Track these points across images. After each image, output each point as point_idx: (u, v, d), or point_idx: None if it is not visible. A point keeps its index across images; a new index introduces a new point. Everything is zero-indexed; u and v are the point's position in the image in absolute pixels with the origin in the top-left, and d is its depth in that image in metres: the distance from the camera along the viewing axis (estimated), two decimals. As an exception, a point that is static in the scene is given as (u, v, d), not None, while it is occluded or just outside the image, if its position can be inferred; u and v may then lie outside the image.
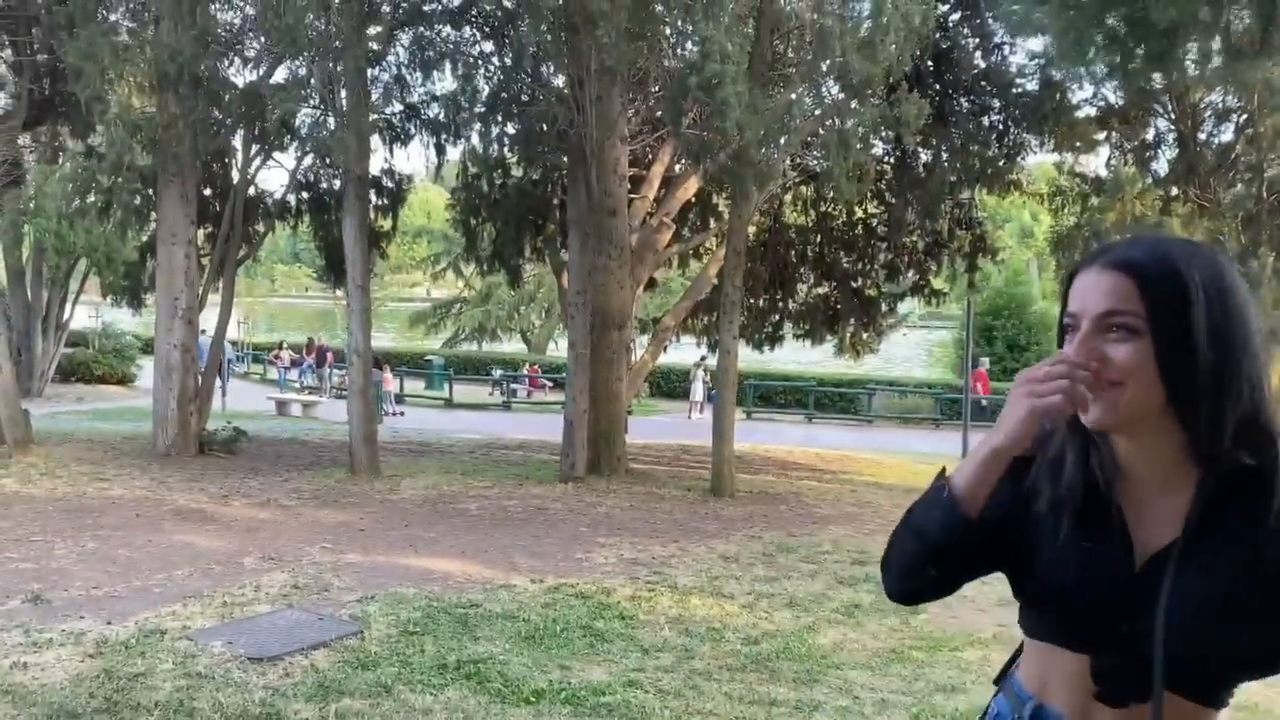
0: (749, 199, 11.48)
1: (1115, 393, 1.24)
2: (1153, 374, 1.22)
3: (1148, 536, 1.29)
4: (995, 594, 7.43)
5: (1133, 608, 1.26)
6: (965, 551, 1.36)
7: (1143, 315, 1.22)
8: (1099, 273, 1.27)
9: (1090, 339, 1.25)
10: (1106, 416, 1.25)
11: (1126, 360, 1.23)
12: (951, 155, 14.53)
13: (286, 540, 8.50)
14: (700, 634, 6.03)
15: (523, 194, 13.94)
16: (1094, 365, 1.23)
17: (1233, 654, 1.24)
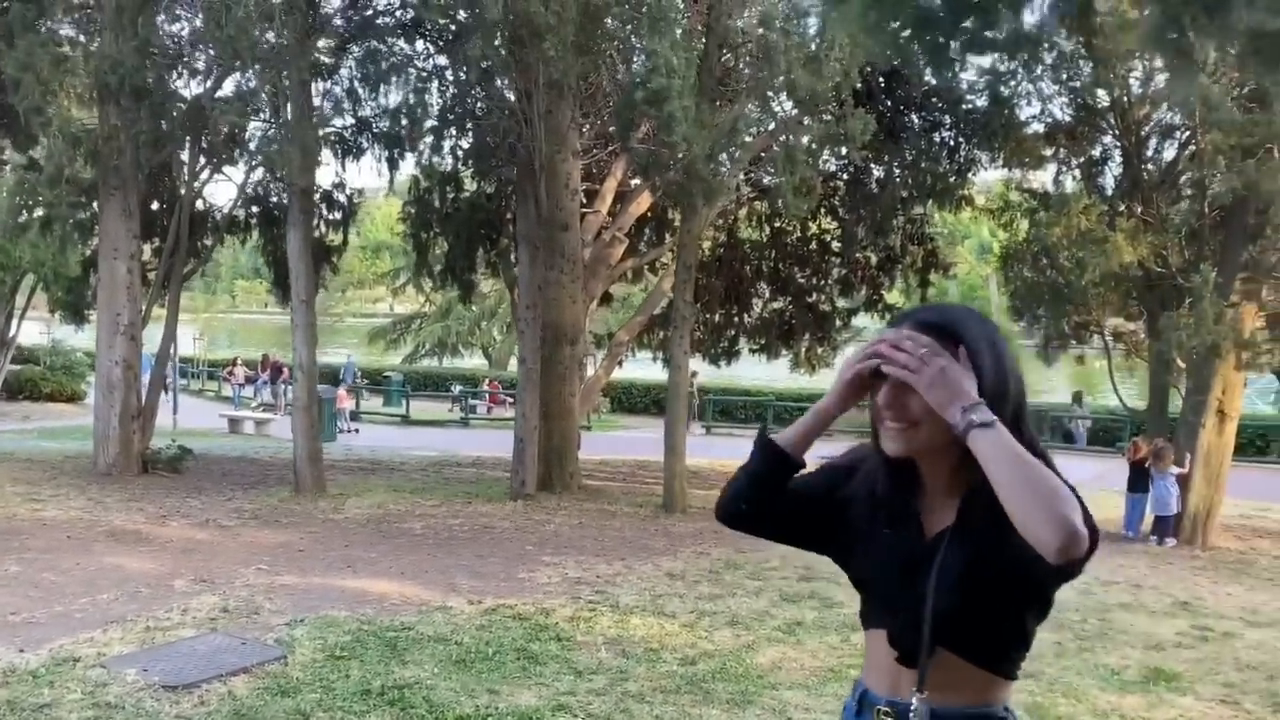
0: (699, 214, 11.44)
1: (913, 431, 1.56)
2: (942, 420, 1.50)
3: (934, 525, 1.62)
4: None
5: (916, 577, 1.58)
6: (776, 490, 1.72)
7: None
8: (910, 329, 1.56)
9: (895, 390, 1.55)
10: (905, 449, 1.59)
11: (921, 408, 1.52)
12: (903, 171, 14.59)
13: (221, 562, 8.29)
14: (637, 655, 5.92)
15: (475, 208, 13.82)
16: (896, 410, 1.56)
17: (983, 617, 1.55)
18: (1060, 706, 5.20)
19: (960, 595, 1.54)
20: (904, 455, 1.59)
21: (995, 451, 1.43)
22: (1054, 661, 6.08)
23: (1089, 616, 7.32)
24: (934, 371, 1.49)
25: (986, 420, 1.45)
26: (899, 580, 1.61)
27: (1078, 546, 1.37)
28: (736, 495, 1.76)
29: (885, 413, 1.57)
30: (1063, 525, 1.36)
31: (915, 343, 1.52)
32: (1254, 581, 9.05)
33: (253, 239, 16.16)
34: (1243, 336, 10.27)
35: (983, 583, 1.53)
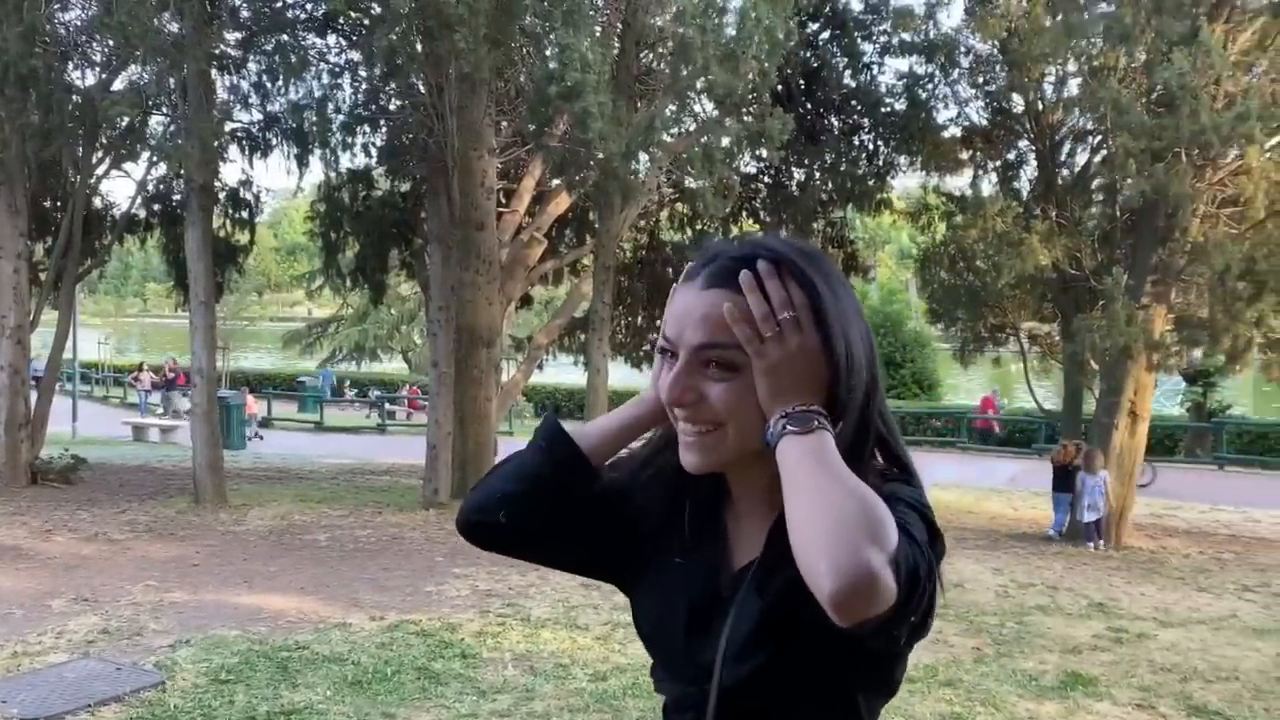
0: (617, 214, 11.22)
1: (717, 436, 1.08)
2: (758, 414, 1.05)
3: (742, 555, 1.15)
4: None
5: (706, 632, 1.12)
6: (556, 502, 1.20)
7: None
8: (700, 292, 1.07)
9: (687, 374, 1.07)
10: (706, 461, 1.10)
11: (726, 400, 1.06)
12: (823, 174, 14.57)
13: (107, 579, 7.78)
14: (546, 671, 5.65)
15: (387, 206, 13.38)
16: (689, 401, 1.07)
17: (792, 693, 1.08)
18: (979, 716, 5.08)
19: (756, 663, 1.07)
20: (704, 471, 1.11)
21: (799, 460, 0.98)
22: (973, 668, 5.97)
23: (1006, 620, 7.27)
24: (789, 350, 1.03)
25: (808, 427, 1.00)
26: (684, 635, 1.15)
27: (865, 602, 0.89)
28: (492, 500, 1.21)
29: (674, 410, 1.09)
30: (849, 567, 0.88)
31: (781, 299, 1.04)
32: (1165, 581, 9.14)
33: (154, 239, 15.47)
34: (1153, 338, 10.41)
35: (788, 644, 1.06)
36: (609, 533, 1.24)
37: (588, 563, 1.31)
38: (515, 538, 1.24)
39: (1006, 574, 9.16)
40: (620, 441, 1.22)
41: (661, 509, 1.20)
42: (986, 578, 8.94)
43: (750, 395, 1.04)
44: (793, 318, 1.03)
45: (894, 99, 13.78)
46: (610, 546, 1.25)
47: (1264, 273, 9.81)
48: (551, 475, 1.19)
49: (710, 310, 1.05)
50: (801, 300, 1.04)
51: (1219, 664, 6.24)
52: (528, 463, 1.21)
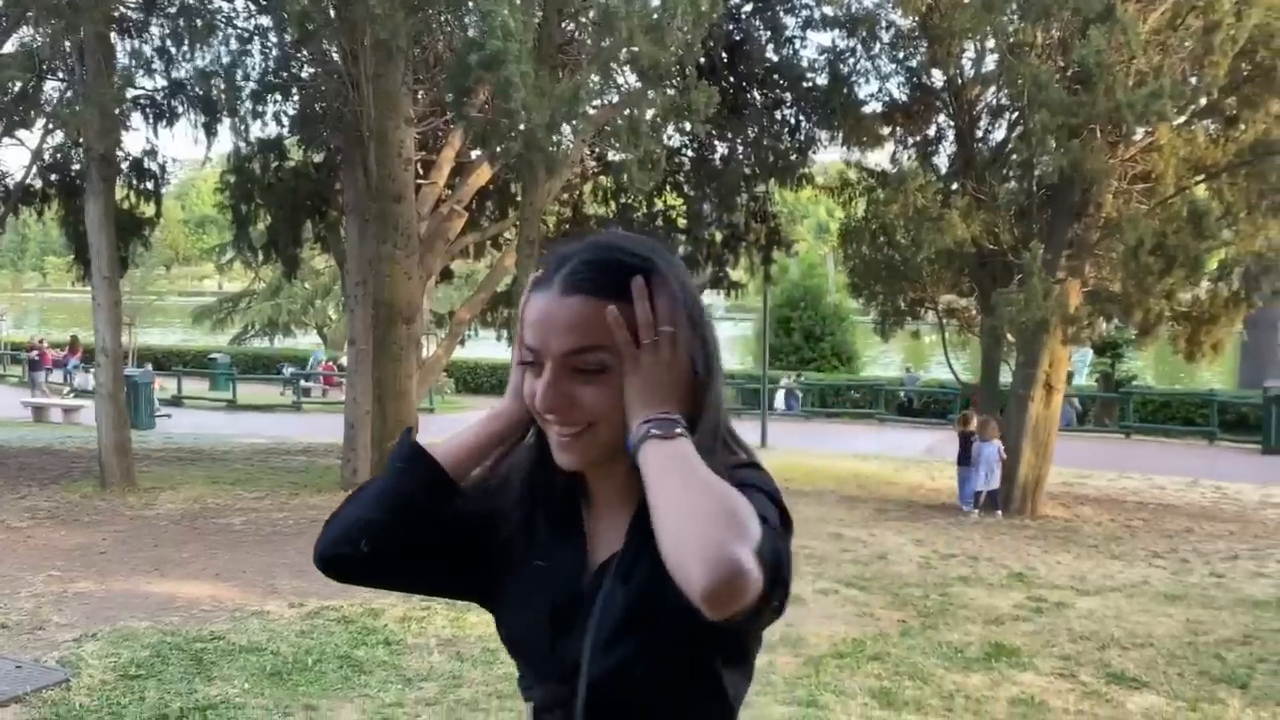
0: (541, 186, 11.01)
1: (589, 436, 1.11)
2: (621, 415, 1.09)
3: (601, 552, 1.17)
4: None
5: (570, 631, 1.13)
6: (418, 523, 1.18)
7: (613, 349, 1.08)
8: (557, 300, 1.09)
9: (556, 382, 1.09)
10: (580, 459, 1.13)
11: (596, 401, 1.09)
12: (746, 148, 14.54)
13: (5, 569, 7.41)
14: (473, 657, 5.53)
15: (300, 177, 12.93)
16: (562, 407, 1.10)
17: (660, 679, 1.09)
18: (907, 690, 5.12)
19: (624, 651, 1.08)
20: (580, 469, 1.14)
21: (663, 463, 1.01)
22: (899, 641, 6.03)
23: (930, 592, 7.38)
24: (663, 359, 1.07)
25: (670, 433, 1.03)
26: (549, 636, 1.15)
27: (735, 594, 0.92)
28: (354, 530, 1.18)
29: (547, 416, 1.11)
30: (718, 562, 0.91)
31: (665, 310, 1.08)
32: (1080, 549, 9.39)
33: (52, 210, 14.75)
34: (1068, 312, 10.63)
35: (655, 630, 1.07)
36: (469, 549, 1.23)
37: (453, 584, 1.29)
38: (379, 567, 1.21)
39: (928, 545, 9.31)
40: (479, 457, 1.22)
41: (517, 516, 1.21)
42: (909, 549, 9.07)
43: (619, 394, 1.08)
44: (672, 331, 1.08)
45: (816, 73, 13.79)
46: (472, 564, 1.24)
47: (1173, 247, 10.07)
48: (415, 497, 1.18)
49: (573, 317, 1.08)
50: (682, 314, 1.09)
51: (1134, 630, 6.42)
52: (389, 487, 1.19)
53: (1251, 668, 5.66)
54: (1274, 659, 5.84)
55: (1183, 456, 17.29)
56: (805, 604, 6.94)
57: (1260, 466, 15.93)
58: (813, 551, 8.73)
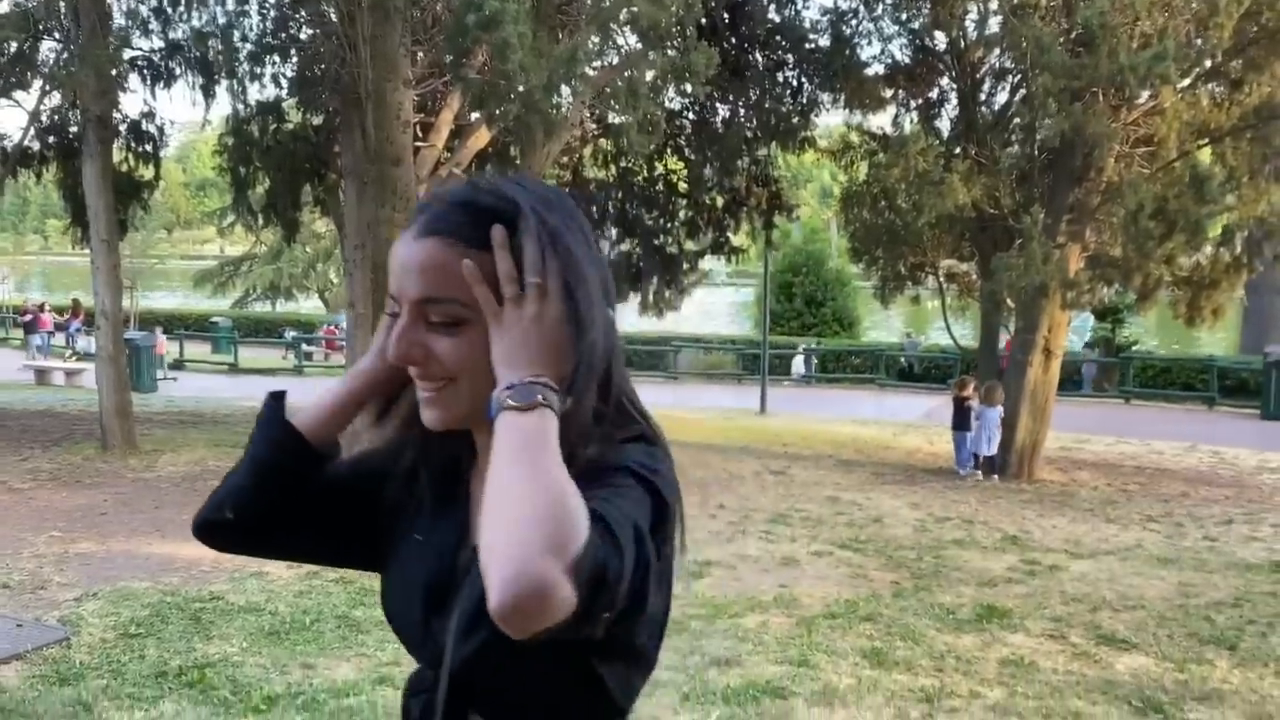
0: (540, 149, 10.95)
1: (452, 391, 1.02)
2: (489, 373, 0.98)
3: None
4: (780, 552, 7.35)
5: (443, 610, 1.04)
6: (287, 490, 1.13)
7: (472, 300, 0.98)
8: (414, 244, 1.01)
9: (410, 330, 1.01)
10: (443, 416, 1.04)
11: (455, 355, 1.00)
12: (748, 111, 14.44)
13: (8, 529, 7.46)
14: (470, 616, 5.59)
15: (299, 140, 12.86)
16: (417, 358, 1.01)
17: (528, 669, 0.98)
18: (899, 650, 5.18)
19: (481, 639, 0.97)
20: (447, 427, 1.04)
21: (508, 441, 0.91)
22: (892, 603, 6.09)
23: (924, 555, 7.43)
24: (528, 316, 0.96)
25: (529, 403, 0.92)
26: (422, 615, 1.07)
27: (534, 617, 0.82)
28: (220, 497, 1.16)
29: (407, 369, 1.03)
30: (516, 579, 0.81)
31: (533, 261, 0.97)
32: (1075, 513, 9.44)
33: (50, 173, 14.70)
34: (1068, 277, 10.61)
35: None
36: (349, 518, 1.17)
37: (335, 553, 1.25)
38: (250, 535, 1.17)
39: (924, 508, 9.37)
40: (340, 418, 1.16)
41: (403, 483, 1.13)
42: (904, 512, 9.13)
43: (482, 348, 0.99)
44: (538, 284, 0.97)
45: (818, 35, 13.67)
46: (354, 532, 1.17)
47: (1174, 212, 10.03)
48: (277, 462, 1.13)
49: (427, 261, 0.99)
50: (554, 265, 0.97)
51: (1126, 593, 6.47)
52: (251, 453, 1.15)
53: (1241, 630, 5.71)
54: (1263, 621, 5.89)
55: (1182, 422, 17.33)
56: (800, 565, 7.00)
57: (1259, 432, 15.97)
58: (808, 514, 8.79)
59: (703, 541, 7.61)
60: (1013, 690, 4.64)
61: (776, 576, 6.69)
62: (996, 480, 11.18)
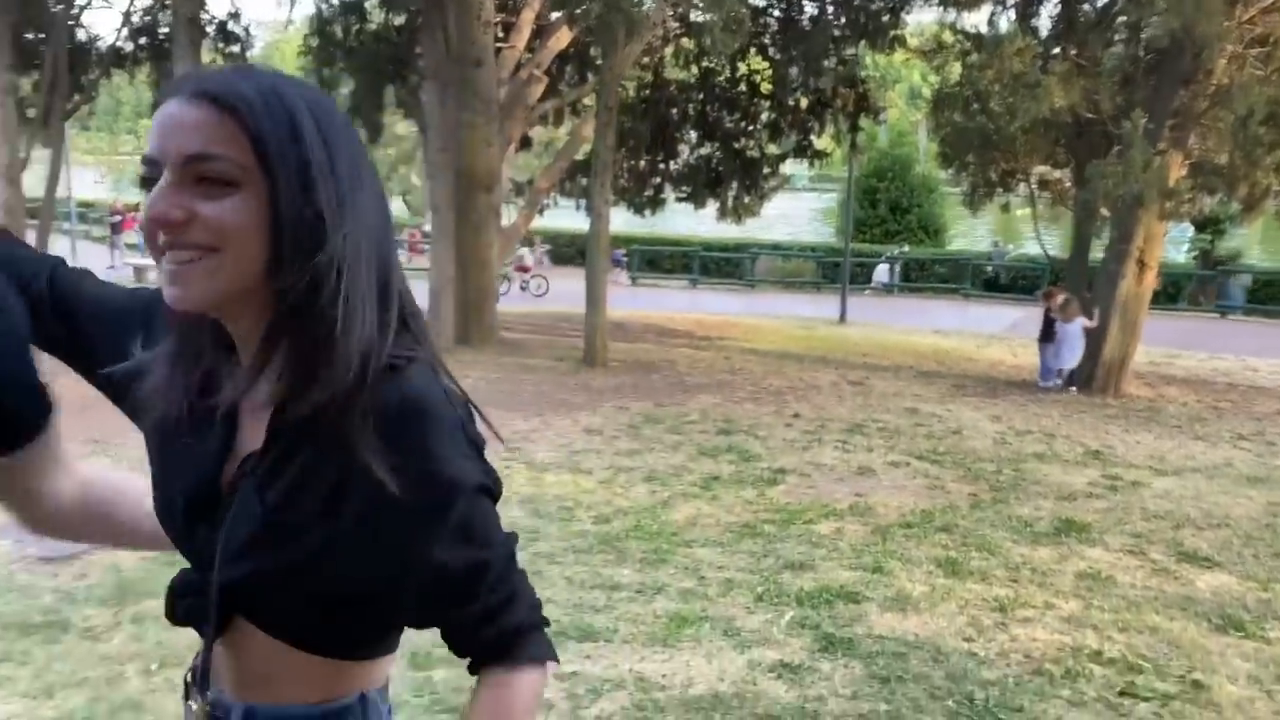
0: (621, 49, 10.78)
1: (208, 262, 0.90)
2: (260, 236, 0.90)
3: (246, 437, 1.00)
4: (856, 461, 7.38)
5: (208, 520, 1.00)
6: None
7: (246, 161, 0.89)
8: (184, 104, 0.91)
9: (174, 190, 0.90)
10: (192, 295, 0.91)
11: (223, 218, 0.89)
12: (836, 8, 13.97)
13: (118, 420, 7.83)
14: (550, 513, 5.77)
15: (381, 40, 12.89)
16: (177, 219, 0.89)
17: (285, 580, 0.96)
18: (974, 560, 5.20)
19: (252, 565, 0.96)
20: (195, 308, 0.93)
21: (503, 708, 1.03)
22: (969, 514, 6.09)
23: (1004, 467, 7.38)
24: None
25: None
26: (185, 521, 1.03)
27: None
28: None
29: (160, 232, 0.90)
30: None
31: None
32: (1161, 429, 9.24)
33: (142, 74, 15.01)
34: (1167, 185, 10.17)
35: (281, 558, 0.96)
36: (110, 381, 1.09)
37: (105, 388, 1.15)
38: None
39: (1004, 421, 9.26)
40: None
41: (163, 376, 1.03)
42: (984, 425, 9.04)
43: (254, 218, 0.90)
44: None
45: (912, -74, 13.06)
46: (116, 393, 1.11)
47: (1288, 118, 9.48)
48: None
49: (201, 118, 0.90)
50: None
51: (1211, 511, 6.36)
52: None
53: (1330, 551, 5.59)
54: (1355, 544, 5.75)
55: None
56: (876, 475, 7.02)
57: (1364, 350, 15.30)
58: (886, 425, 8.77)
59: (777, 449, 7.67)
60: (1088, 603, 4.64)
61: (852, 485, 6.73)
62: (1074, 393, 10.96)
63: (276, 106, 0.91)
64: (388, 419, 0.92)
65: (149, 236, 0.91)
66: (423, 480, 0.93)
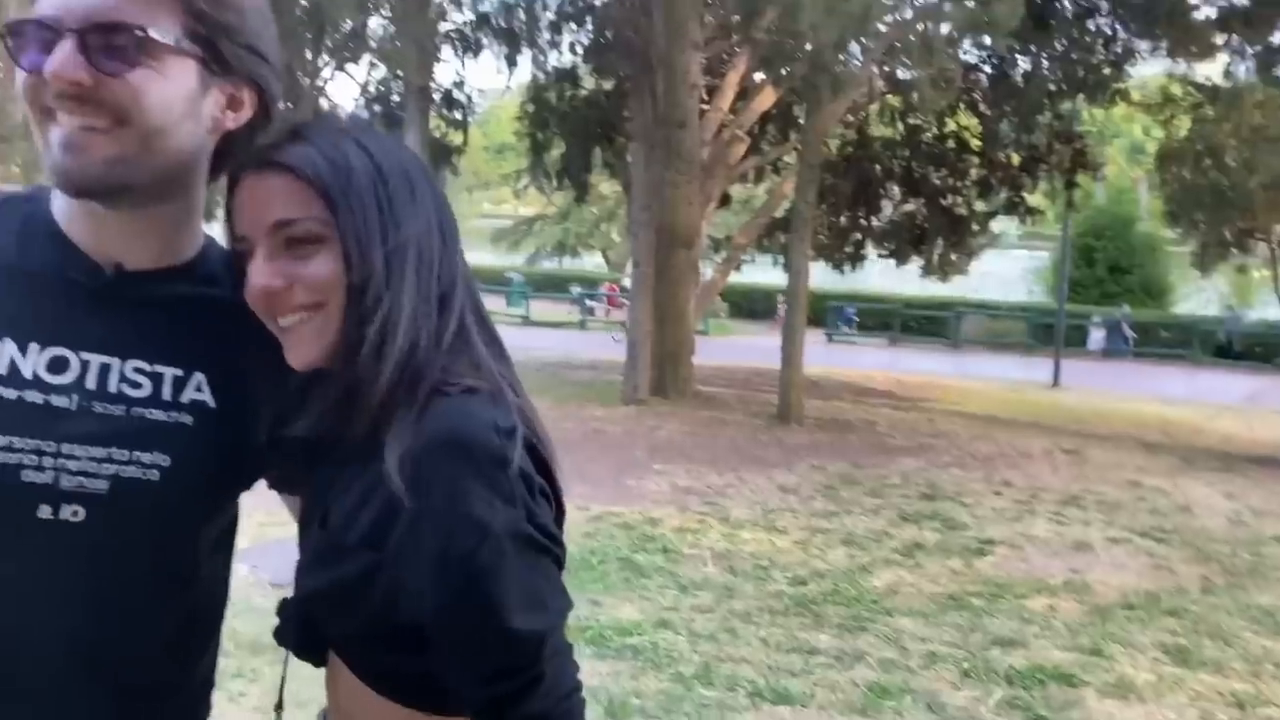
0: (825, 109, 10.79)
1: (317, 319, 0.95)
2: (344, 281, 0.94)
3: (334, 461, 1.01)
4: (1071, 535, 6.95)
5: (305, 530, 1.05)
6: None
7: (324, 215, 0.93)
8: (257, 177, 0.95)
9: (270, 259, 0.94)
10: (311, 351, 0.96)
11: (320, 275, 0.94)
12: (1052, 63, 13.49)
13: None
14: (745, 571, 5.72)
15: (592, 106, 13.44)
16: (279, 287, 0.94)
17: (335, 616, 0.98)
18: (1207, 649, 4.77)
19: (315, 583, 0.99)
20: (317, 363, 0.97)
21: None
22: (1200, 599, 5.60)
23: (1240, 550, 6.76)
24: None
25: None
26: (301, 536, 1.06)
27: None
28: None
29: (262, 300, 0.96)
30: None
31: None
32: None
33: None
34: None
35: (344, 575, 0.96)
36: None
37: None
38: None
39: (1240, 499, 8.50)
40: None
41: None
42: (1217, 502, 8.32)
43: (339, 264, 0.94)
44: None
45: (1138, -23, 12.48)
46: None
47: None
48: None
49: (278, 186, 0.94)
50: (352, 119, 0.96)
51: None
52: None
53: None
54: None
55: None
56: (1093, 551, 6.58)
57: None
58: (1105, 498, 8.22)
59: (985, 518, 7.32)
60: (1346, 708, 4.16)
61: (1067, 561, 6.33)
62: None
63: (336, 158, 0.95)
64: (426, 449, 0.90)
65: (257, 307, 0.97)
66: (446, 518, 0.89)
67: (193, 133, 0.95)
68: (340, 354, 0.96)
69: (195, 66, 0.93)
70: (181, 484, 0.98)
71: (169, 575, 1.02)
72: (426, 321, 0.97)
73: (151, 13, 0.89)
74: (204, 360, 1.02)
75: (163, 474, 0.96)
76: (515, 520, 0.90)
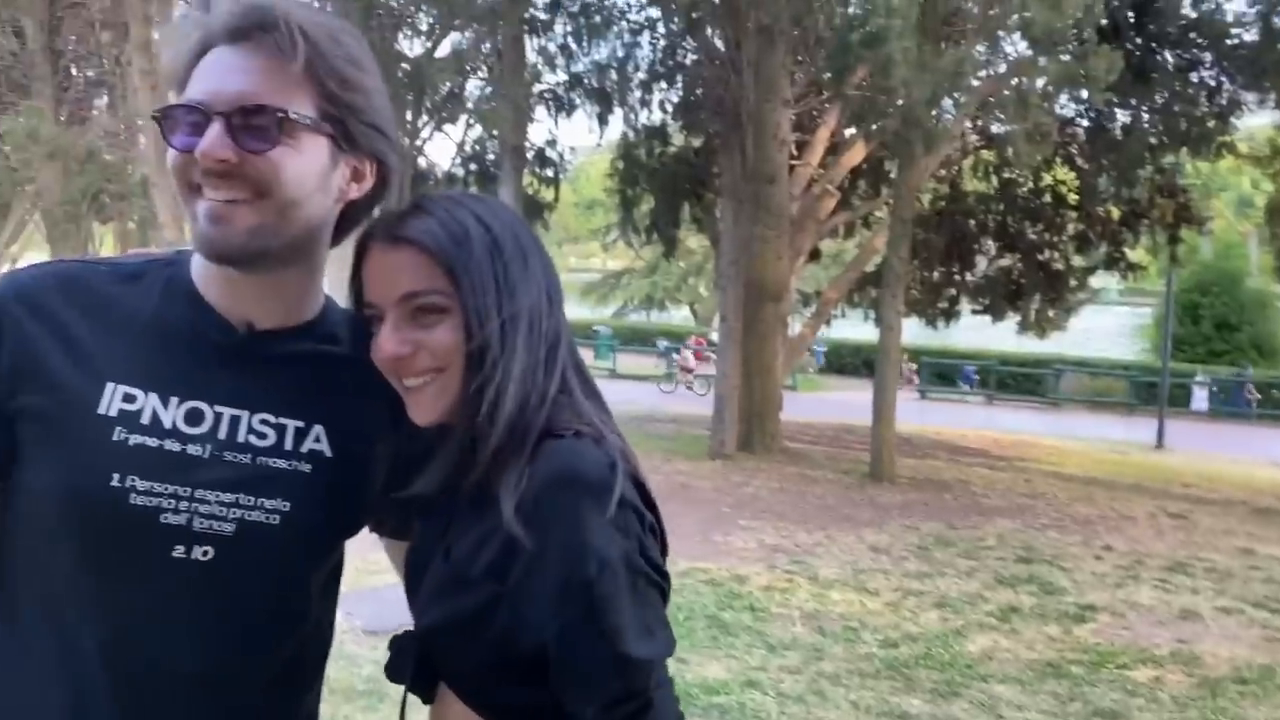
0: (917, 164, 10.73)
1: (439, 382, 1.04)
2: (464, 346, 1.03)
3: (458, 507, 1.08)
4: (1178, 604, 6.64)
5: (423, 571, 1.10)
6: None
7: (447, 288, 1.03)
8: (385, 250, 1.05)
9: (398, 327, 1.04)
10: (433, 410, 1.05)
11: (442, 342, 1.03)
12: (1153, 116, 13.20)
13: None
14: (835, 632, 5.60)
15: (681, 162, 13.60)
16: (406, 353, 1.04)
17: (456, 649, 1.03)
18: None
19: (435, 616, 1.05)
20: (439, 421, 1.06)
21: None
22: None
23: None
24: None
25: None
26: (408, 584, 1.14)
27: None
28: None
29: (395, 369, 1.05)
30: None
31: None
32: None
33: (471, 195, 16.67)
34: None
35: (465, 607, 1.02)
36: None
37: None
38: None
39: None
40: None
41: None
42: (1340, 573, 7.86)
43: (460, 332, 1.03)
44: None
45: (1243, 29, 12.22)
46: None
47: None
48: None
49: (405, 260, 1.03)
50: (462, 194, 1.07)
51: None
52: None
53: None
54: None
55: None
56: (1202, 620, 6.28)
57: None
58: (1214, 565, 7.85)
59: (1085, 584, 7.05)
60: None
61: (1173, 630, 6.05)
62: None
63: (456, 231, 1.04)
64: (543, 487, 0.97)
65: (385, 369, 1.06)
66: (567, 548, 0.94)
67: (323, 203, 1.03)
68: (459, 413, 1.04)
69: (327, 144, 1.01)
70: (299, 527, 1.05)
71: (285, 612, 1.09)
72: (535, 381, 1.04)
73: (289, 95, 0.98)
74: (323, 413, 1.09)
75: (283, 518, 1.04)
76: (630, 551, 0.96)
